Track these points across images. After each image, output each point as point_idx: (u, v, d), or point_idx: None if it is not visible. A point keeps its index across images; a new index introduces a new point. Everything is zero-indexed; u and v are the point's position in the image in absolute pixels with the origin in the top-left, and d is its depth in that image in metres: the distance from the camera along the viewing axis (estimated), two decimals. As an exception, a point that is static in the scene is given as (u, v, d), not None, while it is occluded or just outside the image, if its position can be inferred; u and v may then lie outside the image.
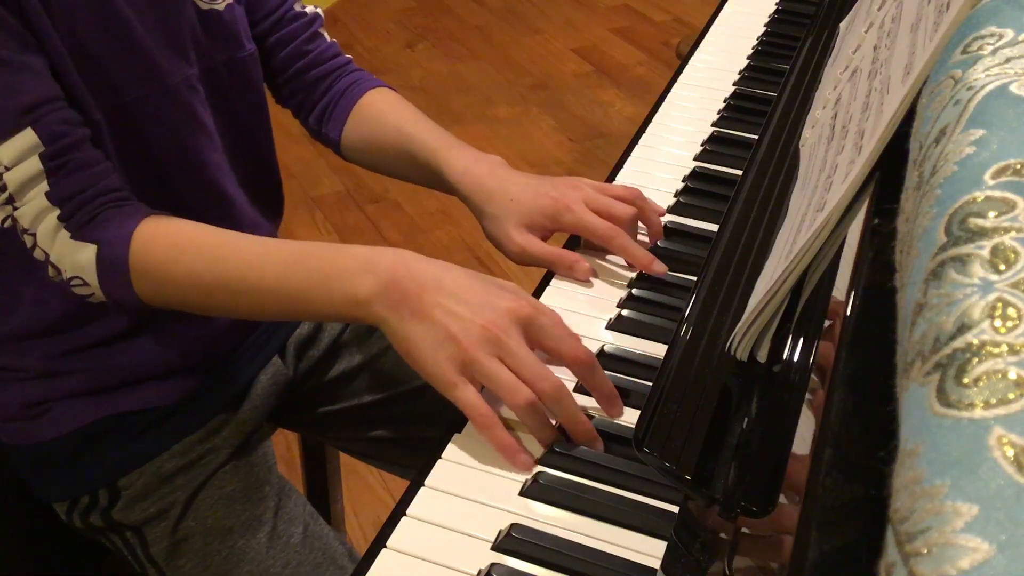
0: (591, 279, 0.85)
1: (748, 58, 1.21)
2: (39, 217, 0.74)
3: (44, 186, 0.73)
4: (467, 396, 0.67)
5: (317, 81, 1.00)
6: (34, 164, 0.73)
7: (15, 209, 0.74)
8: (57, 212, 0.74)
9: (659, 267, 0.85)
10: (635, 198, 0.88)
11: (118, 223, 0.76)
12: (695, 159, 1.02)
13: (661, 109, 1.12)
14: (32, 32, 0.73)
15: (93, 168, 0.76)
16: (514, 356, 0.67)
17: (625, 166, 1.01)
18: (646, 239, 0.89)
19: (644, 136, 1.07)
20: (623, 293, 0.84)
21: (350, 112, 0.98)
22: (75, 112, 0.76)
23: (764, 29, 1.28)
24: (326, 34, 1.02)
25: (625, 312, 0.81)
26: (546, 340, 0.69)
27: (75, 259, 0.75)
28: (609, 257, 0.88)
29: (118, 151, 0.81)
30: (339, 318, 0.75)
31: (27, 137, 0.72)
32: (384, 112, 0.98)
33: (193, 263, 0.76)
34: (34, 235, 0.75)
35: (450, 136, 0.94)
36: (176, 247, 0.76)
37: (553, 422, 0.69)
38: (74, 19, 0.76)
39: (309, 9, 1.00)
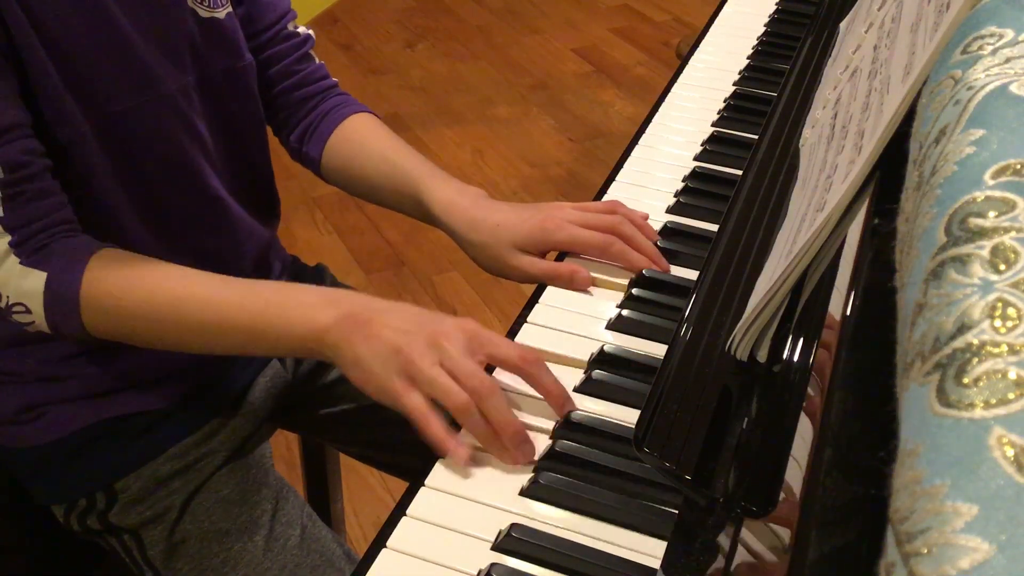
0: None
1: (748, 58, 1.21)
2: None
3: None
4: (410, 401, 0.68)
5: (303, 101, 1.00)
6: None
7: None
8: (8, 238, 0.74)
9: (661, 263, 0.85)
10: (616, 207, 0.88)
11: (70, 252, 0.76)
12: (695, 159, 1.02)
13: (661, 109, 1.12)
14: (13, 46, 0.72)
15: (49, 199, 0.76)
16: (451, 358, 0.69)
17: (625, 166, 1.01)
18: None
19: (644, 136, 1.07)
20: (623, 293, 0.84)
21: (332, 133, 0.99)
22: (37, 142, 0.75)
23: (764, 29, 1.28)
24: (316, 56, 1.02)
25: (625, 312, 0.81)
26: (491, 348, 0.71)
27: (21, 285, 0.74)
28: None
29: (109, 159, 0.80)
30: (293, 351, 0.77)
31: None
32: (367, 138, 0.98)
33: (147, 295, 0.76)
34: None
35: (432, 166, 0.94)
36: (130, 278, 0.76)
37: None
38: (62, 28, 0.75)
39: (302, 30, 1.01)
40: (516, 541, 0.62)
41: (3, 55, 0.73)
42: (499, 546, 0.62)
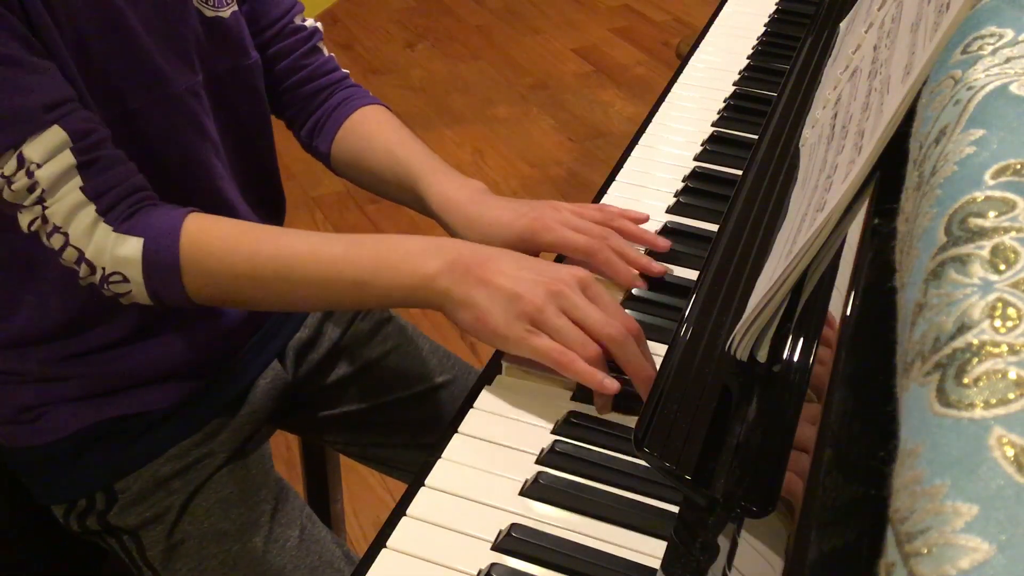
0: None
1: (748, 58, 1.21)
2: (73, 212, 0.73)
3: (78, 181, 0.73)
4: (544, 344, 0.70)
5: (312, 95, 1.00)
6: (66, 159, 0.72)
7: (45, 208, 0.72)
8: (94, 206, 0.73)
9: (653, 268, 0.85)
10: (613, 217, 0.87)
11: (164, 217, 0.76)
12: (695, 159, 1.02)
13: (661, 109, 1.12)
14: (39, 40, 0.73)
15: (122, 165, 0.76)
16: (578, 308, 0.70)
17: (625, 166, 1.01)
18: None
19: (644, 136, 1.07)
20: (622, 294, 0.84)
21: (340, 126, 0.98)
22: (92, 113, 0.76)
23: (764, 29, 1.28)
24: (324, 49, 1.02)
25: (625, 312, 0.81)
26: (600, 304, 0.72)
27: (117, 253, 0.74)
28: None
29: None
30: (400, 301, 0.77)
31: (56, 134, 0.71)
32: (373, 131, 0.97)
33: (252, 254, 0.76)
34: (66, 234, 0.73)
35: (435, 160, 0.93)
36: (232, 239, 0.77)
37: None
38: (79, 27, 0.75)
39: (309, 23, 1.00)
40: (516, 541, 0.62)
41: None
42: (499, 546, 0.62)
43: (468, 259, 0.72)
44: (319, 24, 1.01)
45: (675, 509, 0.64)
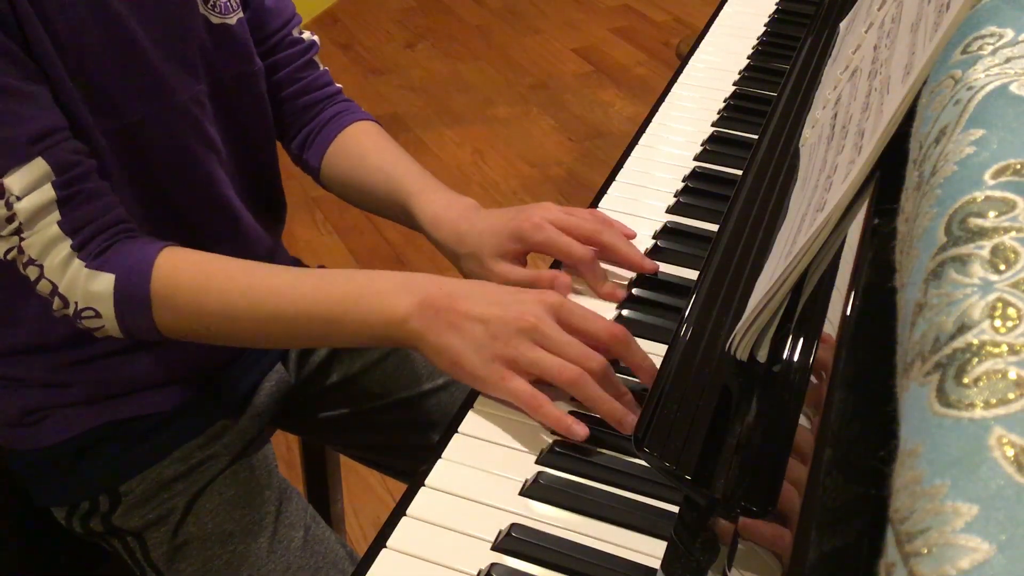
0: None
1: (748, 58, 1.21)
2: (49, 247, 0.73)
3: (56, 216, 0.72)
4: (516, 386, 0.69)
5: (306, 108, 1.00)
6: (46, 193, 0.72)
7: (22, 240, 0.72)
8: (70, 242, 0.73)
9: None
10: (601, 222, 0.86)
11: (136, 252, 0.75)
12: (695, 159, 1.02)
13: (661, 109, 1.12)
14: (33, 57, 0.72)
15: (103, 199, 0.76)
16: (553, 341, 0.69)
17: (625, 166, 1.01)
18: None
19: (644, 136, 1.07)
20: (623, 294, 0.84)
21: (331, 141, 0.98)
22: (81, 143, 0.75)
23: (764, 29, 1.28)
24: (319, 63, 1.02)
25: (625, 312, 0.81)
26: (578, 322, 0.71)
27: (89, 289, 0.74)
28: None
29: (123, 170, 0.80)
30: (372, 340, 0.76)
31: (38, 166, 0.71)
32: (365, 149, 0.97)
33: (223, 291, 0.76)
34: (41, 266, 0.73)
35: (427, 178, 0.92)
36: (203, 275, 0.76)
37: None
38: (80, 39, 0.74)
39: (306, 36, 1.00)
40: (516, 541, 0.62)
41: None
42: (499, 546, 0.62)
43: (437, 298, 0.71)
44: (316, 37, 1.01)
45: (675, 509, 0.64)
